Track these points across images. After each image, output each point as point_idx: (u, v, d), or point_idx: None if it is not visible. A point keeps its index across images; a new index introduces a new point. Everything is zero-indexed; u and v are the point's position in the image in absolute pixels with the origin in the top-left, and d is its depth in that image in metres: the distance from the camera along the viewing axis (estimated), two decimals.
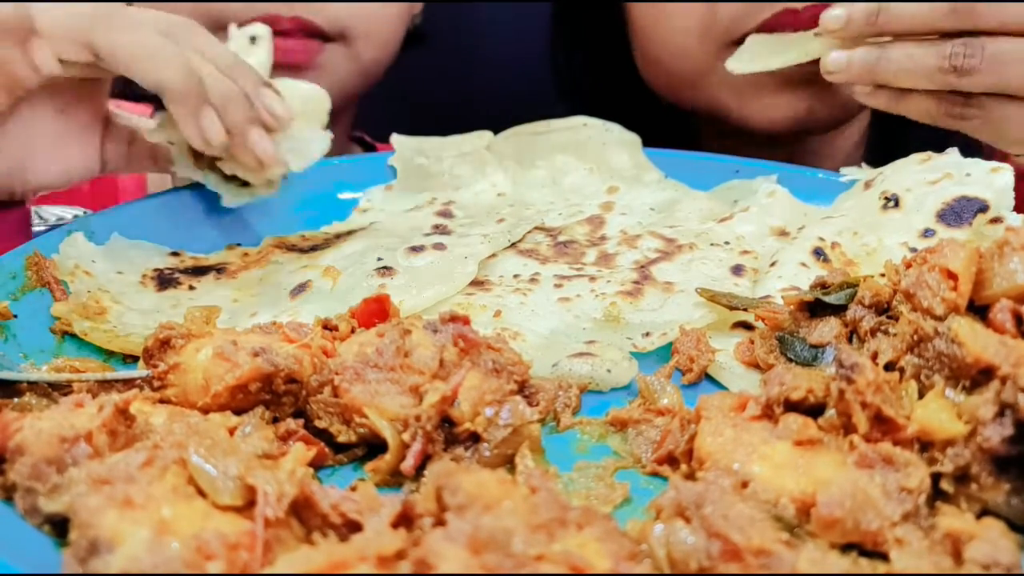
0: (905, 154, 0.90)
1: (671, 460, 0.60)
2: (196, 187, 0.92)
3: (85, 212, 0.98)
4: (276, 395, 0.61)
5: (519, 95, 1.48)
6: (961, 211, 0.81)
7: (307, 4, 1.10)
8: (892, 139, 1.20)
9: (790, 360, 0.67)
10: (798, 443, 0.54)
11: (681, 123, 1.27)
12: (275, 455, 0.55)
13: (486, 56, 1.67)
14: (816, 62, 0.93)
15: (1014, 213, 0.80)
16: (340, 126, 1.31)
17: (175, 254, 0.88)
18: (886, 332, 0.62)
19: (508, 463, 0.59)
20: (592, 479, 0.59)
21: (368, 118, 1.47)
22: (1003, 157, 0.91)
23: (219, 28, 0.98)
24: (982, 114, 0.87)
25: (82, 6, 0.78)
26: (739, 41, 1.05)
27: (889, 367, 0.59)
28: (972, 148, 0.91)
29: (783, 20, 1.03)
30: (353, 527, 0.50)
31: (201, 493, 0.49)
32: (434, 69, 1.61)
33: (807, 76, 1.01)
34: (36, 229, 0.95)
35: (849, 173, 0.95)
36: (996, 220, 0.79)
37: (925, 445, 0.53)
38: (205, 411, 0.60)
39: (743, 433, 0.56)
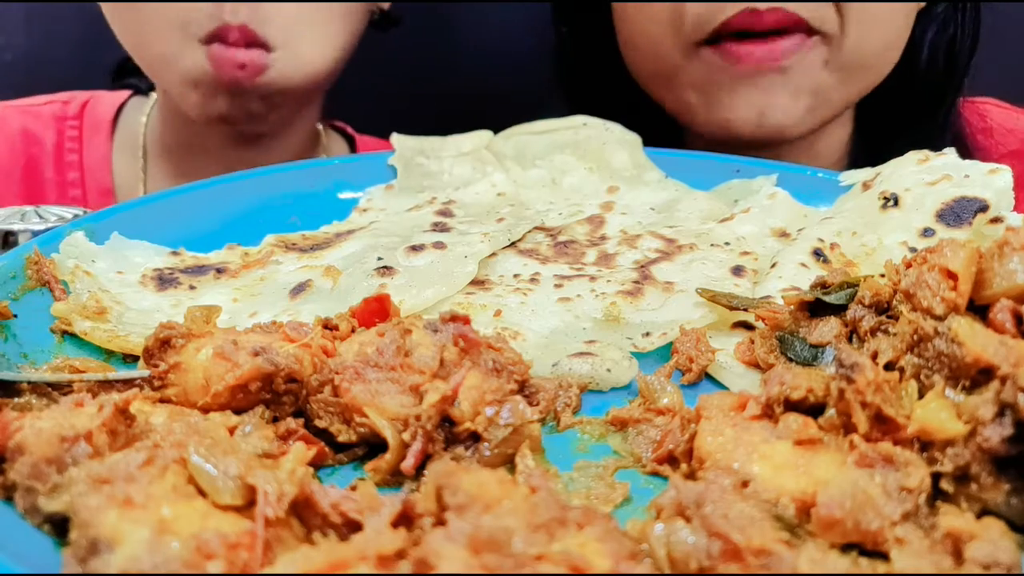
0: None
1: (671, 460, 0.60)
2: (196, 187, 0.92)
3: (85, 212, 0.98)
4: (276, 395, 0.61)
5: (518, 94, 1.48)
6: (961, 211, 0.81)
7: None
8: (877, 147, 1.20)
9: (790, 360, 0.67)
10: (798, 443, 0.54)
11: (673, 127, 1.27)
12: (275, 455, 0.55)
13: (487, 55, 1.67)
14: (777, 70, 1.06)
15: (1014, 213, 0.80)
16: (307, 115, 1.34)
17: (175, 254, 0.88)
18: (886, 332, 0.62)
19: (508, 463, 0.59)
20: (592, 479, 0.59)
21: (369, 116, 1.47)
22: None
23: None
24: None
25: None
26: (708, 40, 1.08)
27: (889, 367, 0.59)
28: (965, 151, 0.91)
29: (745, 20, 1.05)
30: (353, 527, 0.50)
31: (201, 493, 0.49)
32: (434, 68, 1.61)
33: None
34: (36, 229, 0.95)
35: (849, 177, 0.95)
36: (996, 220, 0.79)
37: (925, 445, 0.53)
38: (205, 411, 0.60)
39: (743, 433, 0.56)
